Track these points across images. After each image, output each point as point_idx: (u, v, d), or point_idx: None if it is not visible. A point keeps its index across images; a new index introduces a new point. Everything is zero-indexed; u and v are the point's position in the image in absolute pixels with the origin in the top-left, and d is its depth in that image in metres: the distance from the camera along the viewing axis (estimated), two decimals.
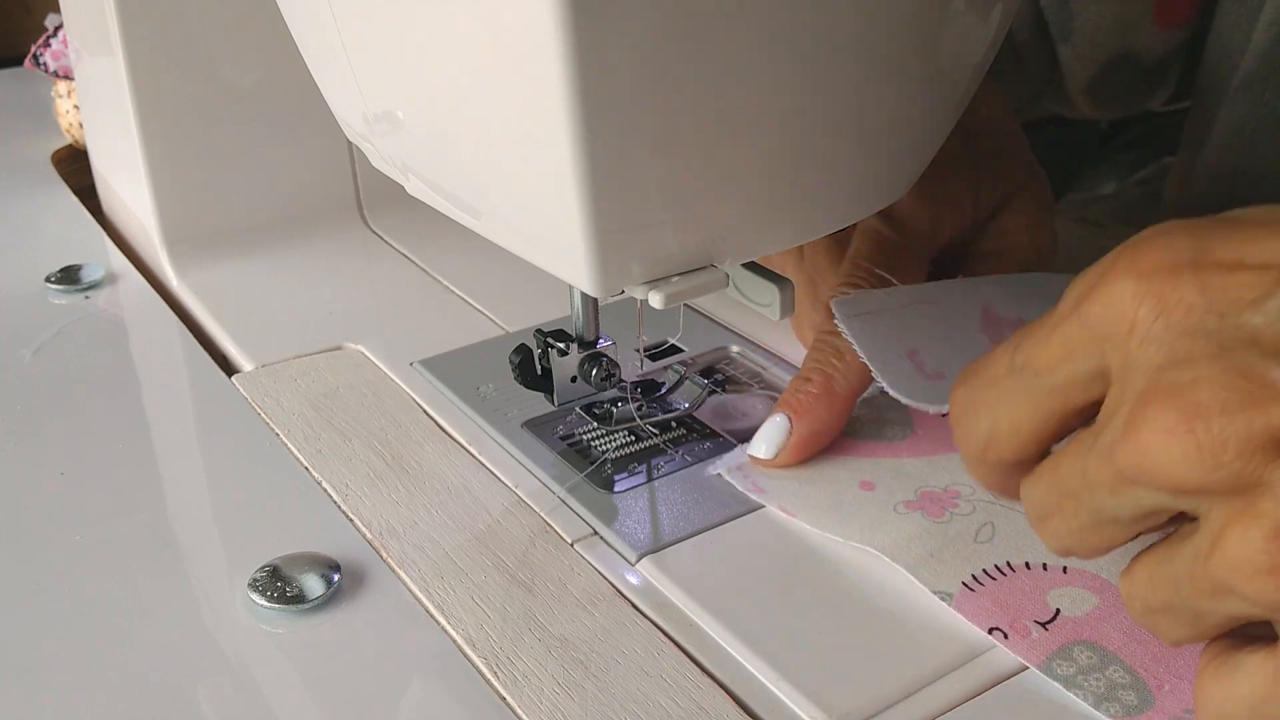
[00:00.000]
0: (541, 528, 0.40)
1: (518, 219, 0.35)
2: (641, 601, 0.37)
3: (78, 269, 0.60)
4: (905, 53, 0.34)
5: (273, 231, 0.62)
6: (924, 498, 0.39)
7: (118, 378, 0.51)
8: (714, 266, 0.34)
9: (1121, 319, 0.28)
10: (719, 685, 0.33)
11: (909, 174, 0.39)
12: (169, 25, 0.57)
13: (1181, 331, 0.27)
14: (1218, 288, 0.26)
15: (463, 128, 0.33)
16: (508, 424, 0.46)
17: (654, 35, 0.28)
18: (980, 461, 0.32)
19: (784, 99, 0.32)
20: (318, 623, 0.36)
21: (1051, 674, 0.33)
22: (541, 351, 0.44)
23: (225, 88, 0.59)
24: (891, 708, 0.33)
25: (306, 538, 0.39)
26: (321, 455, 0.44)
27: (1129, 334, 0.27)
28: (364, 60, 0.36)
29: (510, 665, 0.34)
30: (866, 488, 0.40)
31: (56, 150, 0.78)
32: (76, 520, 0.41)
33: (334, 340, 0.53)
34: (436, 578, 0.38)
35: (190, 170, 0.60)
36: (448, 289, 0.58)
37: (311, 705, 0.33)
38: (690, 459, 0.43)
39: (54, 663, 0.35)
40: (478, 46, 0.30)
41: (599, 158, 0.29)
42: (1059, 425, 0.30)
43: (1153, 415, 0.26)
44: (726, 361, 0.50)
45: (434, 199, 0.38)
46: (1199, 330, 0.26)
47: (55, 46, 0.76)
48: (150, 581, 0.38)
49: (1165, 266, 0.27)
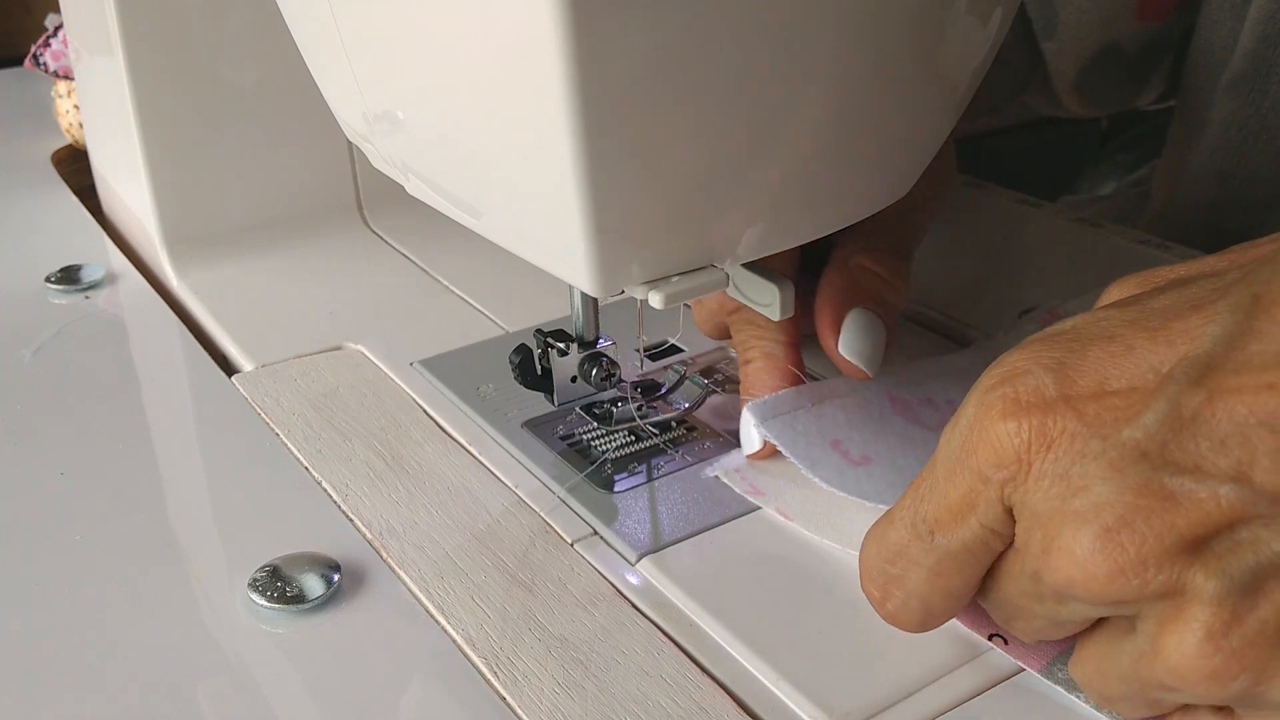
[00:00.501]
0: (541, 528, 0.40)
1: (518, 219, 0.35)
2: (641, 601, 0.37)
3: (78, 269, 0.60)
4: (906, 54, 0.34)
5: (273, 231, 0.62)
6: None
7: (118, 378, 0.51)
8: (714, 266, 0.34)
9: (1013, 461, 0.28)
10: (719, 685, 0.33)
11: (909, 174, 0.39)
12: (169, 25, 0.57)
13: (1072, 459, 0.27)
14: (1093, 415, 0.27)
15: (463, 128, 0.33)
16: (508, 424, 0.46)
17: (654, 34, 0.28)
18: (924, 627, 0.32)
19: (784, 100, 0.32)
20: (318, 623, 0.36)
21: (1053, 678, 0.33)
22: (541, 351, 0.44)
23: (225, 88, 0.59)
24: (891, 708, 0.33)
25: (306, 538, 0.39)
26: (321, 455, 0.44)
27: (1025, 473, 0.28)
28: (364, 60, 0.36)
29: (510, 665, 0.34)
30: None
31: (56, 150, 0.78)
32: (76, 520, 0.41)
33: (334, 340, 0.53)
34: (436, 578, 0.38)
35: (190, 170, 0.60)
36: (448, 289, 0.58)
37: (311, 705, 0.33)
38: (690, 459, 0.43)
39: (54, 663, 0.35)
40: (478, 46, 0.30)
41: (599, 158, 0.29)
42: (983, 573, 0.31)
43: (1065, 545, 0.27)
44: (726, 361, 0.50)
45: (434, 199, 0.38)
46: (1087, 454, 0.27)
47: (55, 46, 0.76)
48: (150, 581, 0.38)
49: (1039, 404, 0.28)
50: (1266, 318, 0.26)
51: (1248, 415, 0.25)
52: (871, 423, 0.41)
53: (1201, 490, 0.25)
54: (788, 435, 0.40)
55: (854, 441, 0.40)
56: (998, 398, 0.28)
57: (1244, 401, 0.25)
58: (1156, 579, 0.26)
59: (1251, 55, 0.58)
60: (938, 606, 0.31)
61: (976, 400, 0.29)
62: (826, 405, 0.41)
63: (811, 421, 0.40)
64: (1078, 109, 0.69)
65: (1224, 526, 0.25)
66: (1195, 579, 0.26)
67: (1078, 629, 0.30)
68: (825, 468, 0.39)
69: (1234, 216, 0.62)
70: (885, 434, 0.41)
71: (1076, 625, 0.30)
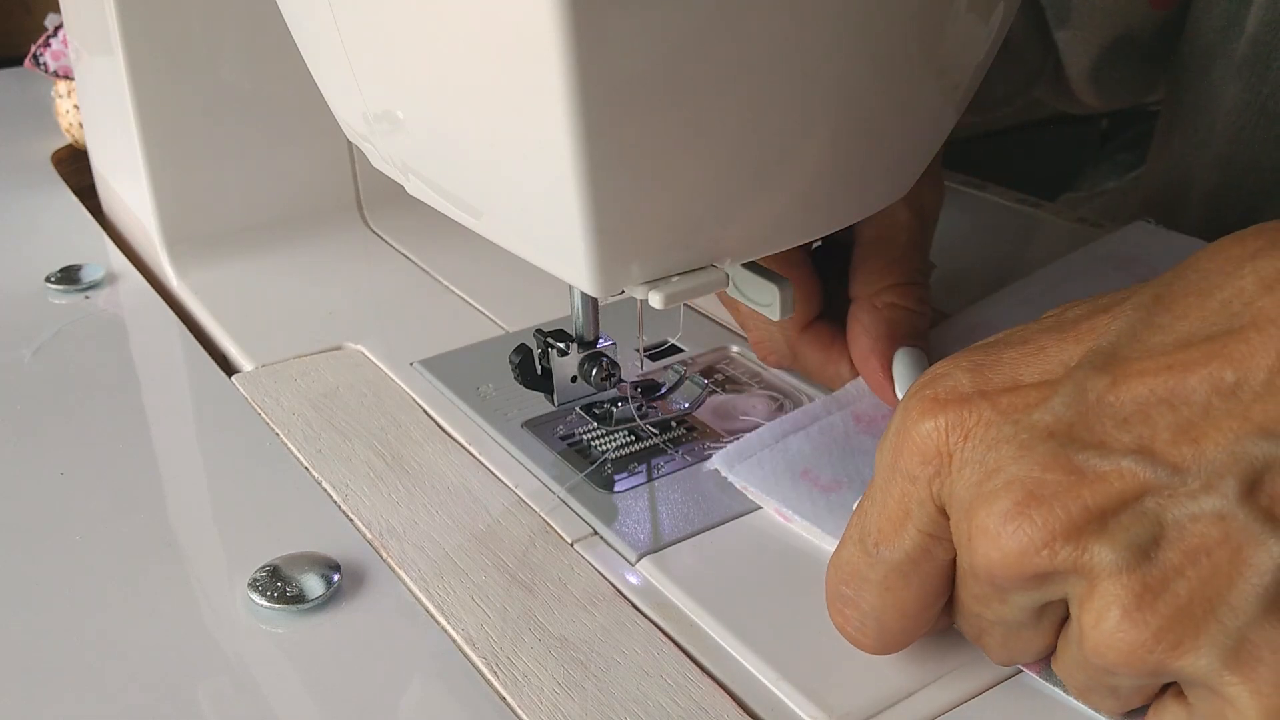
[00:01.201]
0: (541, 528, 0.40)
1: (518, 219, 0.35)
2: (641, 601, 0.37)
3: (78, 269, 0.60)
4: (907, 53, 0.34)
5: (273, 231, 0.62)
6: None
7: (118, 378, 0.51)
8: (714, 266, 0.34)
9: (936, 455, 0.29)
10: (719, 685, 0.33)
11: (909, 174, 0.39)
12: (169, 25, 0.57)
13: (988, 446, 0.28)
14: (1006, 404, 0.28)
15: (463, 127, 0.33)
16: (508, 424, 0.46)
17: (654, 34, 0.28)
18: (883, 648, 0.32)
19: (784, 99, 0.32)
20: (318, 623, 0.36)
21: (1051, 679, 0.33)
22: (541, 351, 0.44)
23: (225, 88, 0.59)
24: (891, 708, 0.33)
25: (306, 538, 0.39)
26: (321, 455, 0.44)
27: (948, 465, 0.29)
28: (364, 60, 0.36)
29: (510, 665, 0.34)
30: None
31: (56, 150, 0.78)
32: (76, 520, 0.41)
33: (334, 340, 0.53)
34: (436, 577, 0.38)
35: (190, 170, 0.60)
36: (448, 289, 0.58)
37: (311, 705, 0.33)
38: (690, 459, 0.43)
39: (54, 663, 0.35)
40: (478, 46, 0.30)
41: (599, 157, 0.29)
42: (938, 587, 0.31)
43: (981, 525, 0.28)
44: (726, 361, 0.50)
45: (434, 199, 0.38)
46: (1000, 439, 0.28)
47: (55, 46, 0.76)
48: (150, 581, 0.38)
49: (955, 399, 0.29)
50: (1167, 314, 0.27)
51: (1148, 395, 0.26)
52: (837, 447, 0.42)
53: (1106, 464, 0.26)
54: (757, 476, 0.40)
55: (823, 468, 0.41)
56: (917, 400, 0.30)
57: (1144, 383, 0.27)
58: (1064, 551, 0.26)
59: (1254, 40, 0.57)
60: (892, 625, 0.32)
61: (901, 407, 0.30)
62: (791, 439, 0.42)
63: (779, 458, 0.41)
64: (1091, 100, 0.69)
65: (1130, 499, 0.26)
66: (1101, 553, 0.26)
67: (1034, 639, 0.30)
68: (796, 500, 0.39)
69: (1235, 203, 0.62)
70: (853, 455, 0.41)
71: (1030, 631, 0.30)
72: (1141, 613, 0.26)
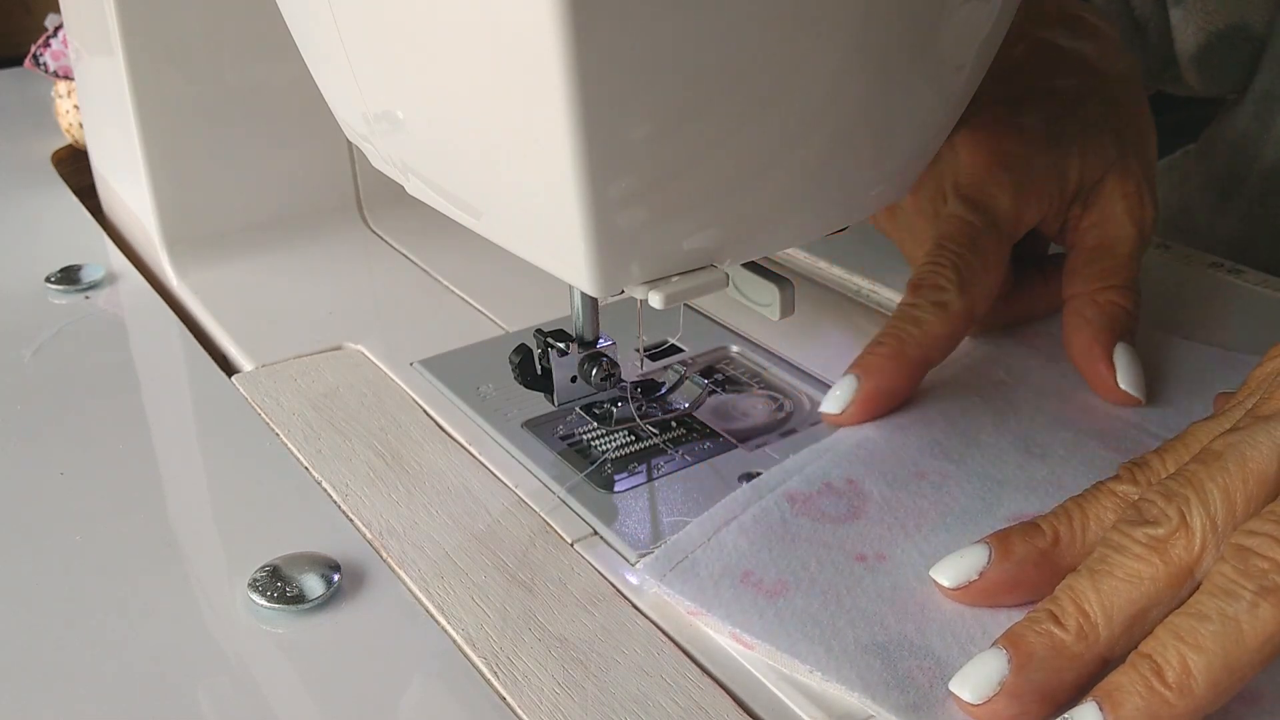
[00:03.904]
0: (541, 528, 0.40)
1: (518, 219, 0.35)
2: (641, 601, 0.37)
3: (78, 269, 0.60)
4: (906, 52, 0.34)
5: (273, 231, 0.62)
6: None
7: (118, 378, 0.51)
8: (714, 266, 0.34)
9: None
10: (719, 685, 0.33)
11: (910, 174, 0.39)
12: (169, 25, 0.57)
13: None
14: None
15: (463, 128, 0.33)
16: (508, 424, 0.46)
17: (654, 34, 0.28)
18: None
19: (784, 99, 0.32)
20: (318, 623, 0.36)
21: None
22: (541, 351, 0.44)
23: (225, 88, 0.59)
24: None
25: (306, 538, 0.39)
26: (321, 455, 0.44)
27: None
28: (364, 60, 0.36)
29: (510, 665, 0.34)
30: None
31: (56, 150, 0.78)
32: (76, 520, 0.41)
33: (334, 340, 0.53)
34: (436, 577, 0.38)
35: (190, 170, 0.60)
36: (448, 289, 0.58)
37: (311, 705, 0.33)
38: (690, 459, 0.43)
39: (54, 663, 0.35)
40: (478, 46, 0.30)
41: (599, 158, 0.29)
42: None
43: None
44: (726, 361, 0.50)
45: (434, 199, 0.38)
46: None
47: (55, 46, 0.76)
48: (150, 581, 0.38)
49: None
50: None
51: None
52: (774, 536, 0.38)
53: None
54: (693, 585, 0.36)
55: (765, 566, 0.37)
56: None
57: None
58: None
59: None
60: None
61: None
62: (724, 533, 0.38)
63: (714, 558, 0.37)
64: (1196, 84, 0.69)
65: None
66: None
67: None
68: (742, 613, 0.35)
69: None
70: (794, 544, 0.38)
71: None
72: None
